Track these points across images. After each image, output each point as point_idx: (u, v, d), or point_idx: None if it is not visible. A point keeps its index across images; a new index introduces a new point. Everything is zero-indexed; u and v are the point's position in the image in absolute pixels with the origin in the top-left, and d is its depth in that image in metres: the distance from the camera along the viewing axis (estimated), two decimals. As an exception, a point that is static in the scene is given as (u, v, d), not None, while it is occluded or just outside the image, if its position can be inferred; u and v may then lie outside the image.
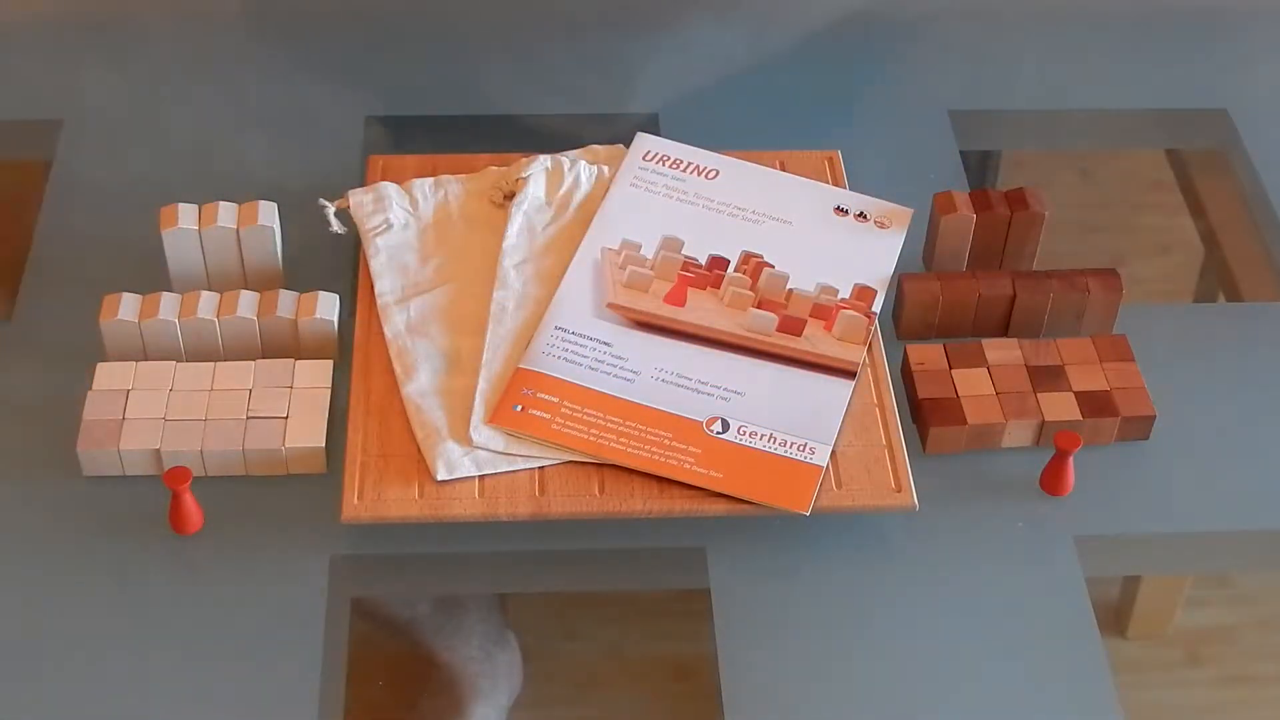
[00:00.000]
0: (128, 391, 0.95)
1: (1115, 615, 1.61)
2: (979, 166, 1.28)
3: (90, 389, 0.95)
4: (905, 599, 0.91)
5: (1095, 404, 0.97)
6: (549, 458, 0.93)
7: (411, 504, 0.91)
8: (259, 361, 0.97)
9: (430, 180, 1.06)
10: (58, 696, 0.86)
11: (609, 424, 0.93)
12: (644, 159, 1.08)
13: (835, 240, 1.05)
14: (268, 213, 1.01)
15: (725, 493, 0.91)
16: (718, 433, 0.93)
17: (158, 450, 0.93)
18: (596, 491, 0.92)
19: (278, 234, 1.01)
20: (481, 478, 0.92)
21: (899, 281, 1.03)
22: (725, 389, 0.96)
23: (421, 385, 0.95)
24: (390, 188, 1.05)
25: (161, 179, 1.12)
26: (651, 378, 0.96)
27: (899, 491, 0.92)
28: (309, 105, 1.20)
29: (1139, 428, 0.98)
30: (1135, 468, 0.98)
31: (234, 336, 0.98)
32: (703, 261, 1.02)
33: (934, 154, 1.17)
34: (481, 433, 0.93)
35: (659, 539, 0.94)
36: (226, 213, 1.00)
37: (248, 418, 0.94)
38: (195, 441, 0.93)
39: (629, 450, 0.92)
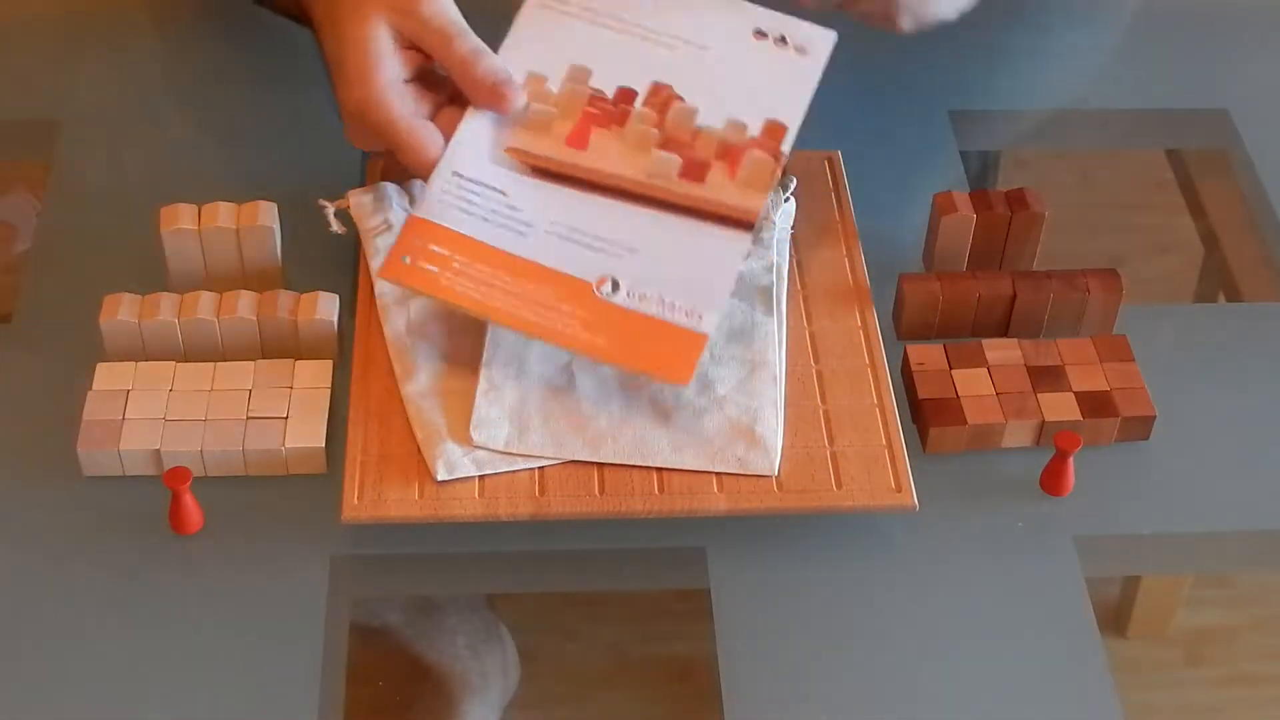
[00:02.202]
0: (128, 391, 0.95)
1: (1115, 615, 1.61)
2: (979, 166, 1.28)
3: (90, 389, 0.95)
4: (905, 599, 0.91)
5: (1095, 404, 0.97)
6: (550, 458, 0.93)
7: (412, 504, 0.91)
8: (259, 362, 0.97)
9: (430, 180, 1.06)
10: (57, 696, 0.85)
11: (496, 282, 0.93)
12: None
13: (751, 68, 1.01)
14: (268, 213, 1.01)
15: (607, 361, 0.91)
16: (607, 294, 0.92)
17: (158, 450, 0.93)
18: (596, 491, 0.92)
19: (278, 234, 1.01)
20: (481, 478, 0.92)
21: (899, 281, 1.03)
22: (619, 245, 0.95)
23: (421, 385, 0.95)
24: (390, 188, 1.04)
25: (161, 179, 1.12)
26: (545, 231, 0.95)
27: (899, 491, 0.92)
28: (309, 105, 1.19)
29: (1139, 428, 0.98)
30: (1135, 468, 0.98)
31: (234, 337, 0.98)
32: (610, 95, 1.00)
33: (934, 154, 1.17)
34: (482, 433, 0.93)
35: (659, 539, 0.94)
36: (226, 213, 1.00)
37: (248, 418, 0.94)
38: (195, 441, 0.93)
39: (515, 313, 0.92)
